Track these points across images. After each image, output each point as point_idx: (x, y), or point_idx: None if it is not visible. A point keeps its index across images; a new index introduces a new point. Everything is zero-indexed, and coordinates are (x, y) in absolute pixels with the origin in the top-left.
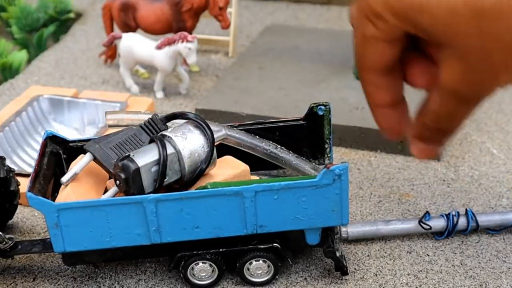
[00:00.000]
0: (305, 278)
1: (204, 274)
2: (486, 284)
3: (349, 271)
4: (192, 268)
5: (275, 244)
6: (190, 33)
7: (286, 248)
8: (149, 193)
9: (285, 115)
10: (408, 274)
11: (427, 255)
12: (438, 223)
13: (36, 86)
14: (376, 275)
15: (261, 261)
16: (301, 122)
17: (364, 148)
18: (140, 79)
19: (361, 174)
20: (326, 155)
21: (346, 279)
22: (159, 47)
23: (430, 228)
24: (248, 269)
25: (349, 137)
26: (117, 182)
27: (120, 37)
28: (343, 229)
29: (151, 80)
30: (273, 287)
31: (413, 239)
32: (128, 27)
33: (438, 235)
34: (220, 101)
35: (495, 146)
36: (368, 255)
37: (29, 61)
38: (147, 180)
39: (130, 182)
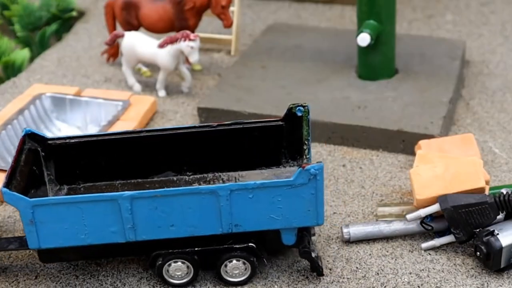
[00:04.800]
0: (307, 277)
1: (179, 273)
2: (487, 283)
3: (351, 270)
4: (168, 267)
5: (250, 244)
6: (193, 31)
7: (261, 248)
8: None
9: None
10: (410, 273)
11: (429, 254)
12: (440, 223)
13: (39, 85)
14: (377, 274)
15: (238, 261)
16: (280, 122)
17: (366, 147)
18: (142, 78)
19: (363, 173)
20: (304, 156)
21: (348, 278)
22: (161, 46)
23: (432, 228)
24: (226, 268)
25: (351, 136)
26: (477, 253)
27: (122, 36)
28: (345, 230)
29: (153, 78)
30: (275, 286)
31: (414, 238)
32: (131, 26)
33: (439, 234)
34: (222, 100)
35: (497, 146)
36: (370, 254)
37: (31, 59)
38: (505, 258)
39: (491, 258)
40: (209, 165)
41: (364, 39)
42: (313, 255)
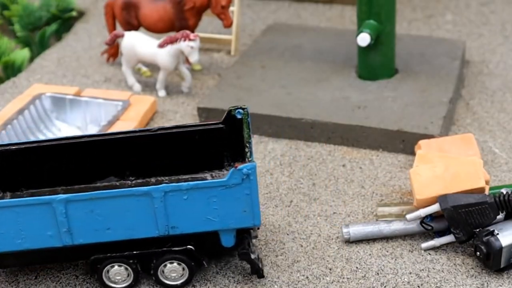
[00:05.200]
0: (307, 277)
1: (119, 278)
2: (487, 283)
3: (351, 270)
4: (108, 271)
5: (189, 247)
6: (193, 31)
7: (201, 251)
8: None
9: (287, 114)
10: (410, 273)
11: (429, 254)
12: (439, 223)
13: (39, 84)
14: (377, 274)
15: (175, 264)
16: (220, 125)
17: (366, 147)
18: (142, 78)
19: (363, 173)
20: (247, 159)
21: (348, 278)
22: (161, 46)
23: (432, 228)
24: (163, 271)
25: (351, 136)
26: (477, 253)
27: (122, 36)
28: (345, 230)
29: (153, 78)
30: (275, 286)
31: (414, 237)
32: (131, 26)
33: (439, 234)
34: (222, 100)
35: (497, 145)
36: (370, 254)
37: (31, 59)
38: (504, 258)
39: (491, 258)
40: (152, 169)
41: (364, 39)
42: (253, 257)
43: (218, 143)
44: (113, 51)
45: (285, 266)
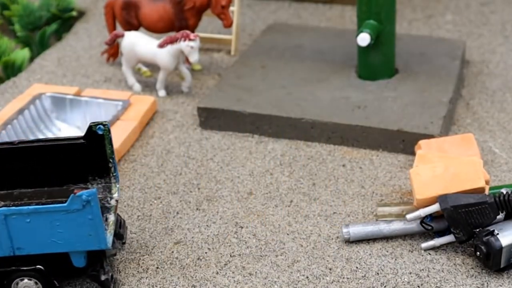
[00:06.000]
0: (307, 277)
1: None
2: (487, 283)
3: (351, 270)
4: None
5: (38, 266)
6: (193, 31)
7: (52, 270)
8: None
9: (287, 114)
10: (410, 273)
11: (429, 254)
12: (439, 223)
13: (39, 84)
14: (377, 273)
15: (27, 280)
16: (82, 141)
17: (366, 147)
18: (142, 78)
19: (363, 173)
20: (111, 174)
21: (348, 278)
22: (161, 46)
23: (432, 228)
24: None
25: (351, 136)
26: (477, 253)
27: (122, 36)
28: (345, 230)
29: (153, 78)
30: (275, 286)
31: (414, 237)
32: (131, 26)
33: (439, 234)
34: (222, 100)
35: (497, 145)
36: (370, 254)
37: (31, 59)
38: (504, 258)
39: (491, 258)
40: (18, 181)
41: (364, 39)
42: (103, 278)
43: (80, 157)
44: (113, 51)
45: (285, 266)
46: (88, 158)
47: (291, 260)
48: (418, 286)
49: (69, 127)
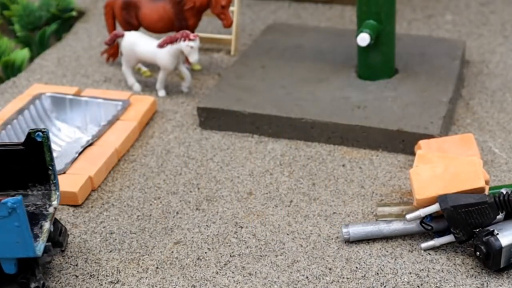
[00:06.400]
0: (307, 277)
1: None
2: (487, 283)
3: (350, 270)
4: None
5: None
6: (192, 31)
7: None
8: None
9: (287, 114)
10: (410, 273)
11: (429, 254)
12: (439, 223)
13: (39, 84)
14: (377, 274)
15: None
16: (20, 147)
17: (365, 147)
18: (142, 78)
19: (362, 173)
20: (51, 181)
21: (348, 278)
22: (161, 46)
23: (432, 228)
24: None
25: (350, 136)
26: (477, 253)
27: (122, 36)
28: (345, 230)
29: (153, 78)
30: (275, 286)
31: (414, 237)
32: (130, 26)
33: (439, 234)
34: (222, 100)
35: (497, 145)
36: (370, 254)
37: (31, 59)
38: (504, 258)
39: (491, 258)
40: None
41: (364, 39)
42: (33, 286)
43: (20, 164)
44: (113, 51)
45: (285, 266)
46: (28, 165)
47: (291, 260)
48: (418, 286)
49: (69, 127)
